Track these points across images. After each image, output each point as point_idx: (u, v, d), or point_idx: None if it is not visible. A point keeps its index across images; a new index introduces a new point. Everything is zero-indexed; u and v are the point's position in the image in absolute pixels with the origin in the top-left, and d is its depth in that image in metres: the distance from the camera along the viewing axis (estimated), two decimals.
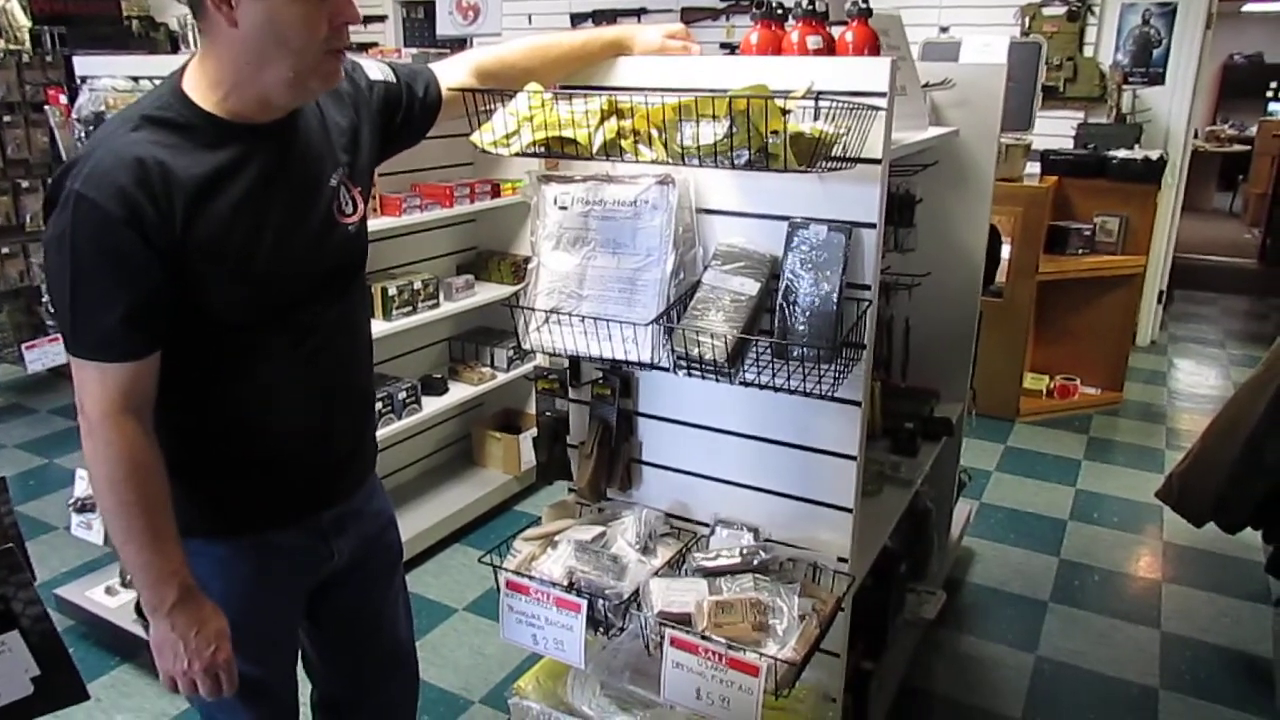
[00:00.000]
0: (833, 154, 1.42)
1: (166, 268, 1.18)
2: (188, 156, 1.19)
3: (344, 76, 1.35)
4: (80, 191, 1.14)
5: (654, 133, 1.40)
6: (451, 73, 1.58)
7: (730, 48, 5.68)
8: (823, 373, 1.53)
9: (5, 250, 4.69)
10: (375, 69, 1.48)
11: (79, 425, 1.26)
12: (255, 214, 1.25)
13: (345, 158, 1.38)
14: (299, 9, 1.15)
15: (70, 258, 1.16)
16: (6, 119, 4.61)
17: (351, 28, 1.25)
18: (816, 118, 1.38)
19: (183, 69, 1.25)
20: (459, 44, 5.08)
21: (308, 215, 1.32)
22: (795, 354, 1.54)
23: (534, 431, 2.05)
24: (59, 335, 4.00)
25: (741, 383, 1.55)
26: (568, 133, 1.44)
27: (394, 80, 1.49)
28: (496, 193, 3.46)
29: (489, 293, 3.48)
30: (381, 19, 7.29)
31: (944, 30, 5.25)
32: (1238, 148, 10.05)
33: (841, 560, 1.75)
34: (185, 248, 1.19)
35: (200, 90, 1.22)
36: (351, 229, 1.39)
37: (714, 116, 1.33)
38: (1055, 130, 5.15)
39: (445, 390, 3.39)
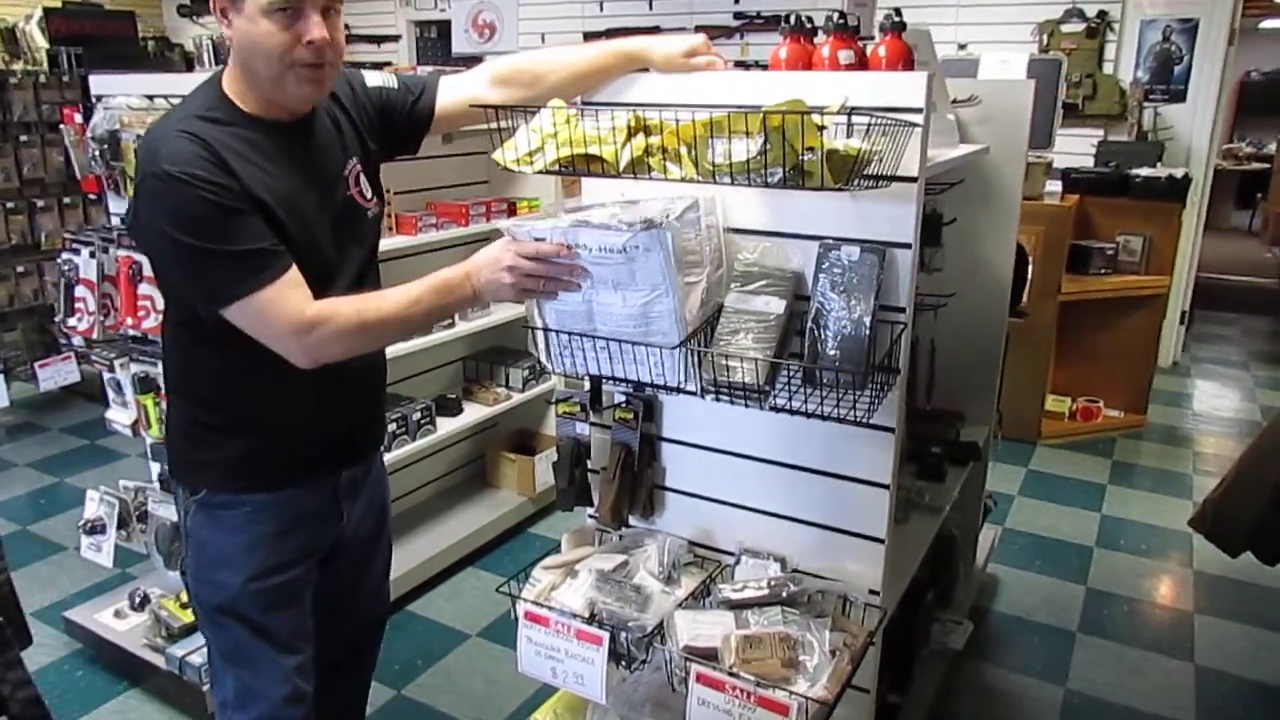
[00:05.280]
0: (867, 172, 1.37)
1: (248, 204, 1.36)
2: (230, 139, 1.38)
3: (348, 87, 1.58)
4: (170, 171, 1.30)
5: (683, 150, 1.36)
6: (469, 84, 1.65)
7: (745, 65, 5.65)
8: (856, 398, 1.47)
9: (20, 269, 4.69)
10: (377, 78, 1.64)
11: (282, 354, 1.40)
12: (290, 191, 1.42)
13: (358, 153, 1.57)
14: (266, 25, 1.33)
15: (192, 219, 1.31)
16: (23, 139, 4.62)
17: (366, 47, 1.36)
18: (849, 134, 1.33)
19: (221, 74, 1.45)
20: (474, 61, 5.09)
21: (333, 195, 1.51)
22: (827, 379, 1.48)
23: (550, 453, 2.01)
24: (71, 354, 4.02)
25: (772, 408, 1.49)
26: (593, 149, 1.39)
27: (395, 87, 1.64)
28: (513, 211, 3.42)
29: (504, 312, 3.44)
30: (395, 38, 7.31)
31: (962, 47, 5.22)
32: (1256, 165, 9.98)
33: (873, 592, 1.68)
34: (249, 199, 1.35)
35: (234, 92, 1.43)
36: (371, 214, 1.60)
37: (746, 133, 1.28)
38: (1075, 148, 5.09)
39: (459, 411, 3.34)
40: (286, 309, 1.35)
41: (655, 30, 6.18)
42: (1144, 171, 4.56)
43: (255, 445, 1.53)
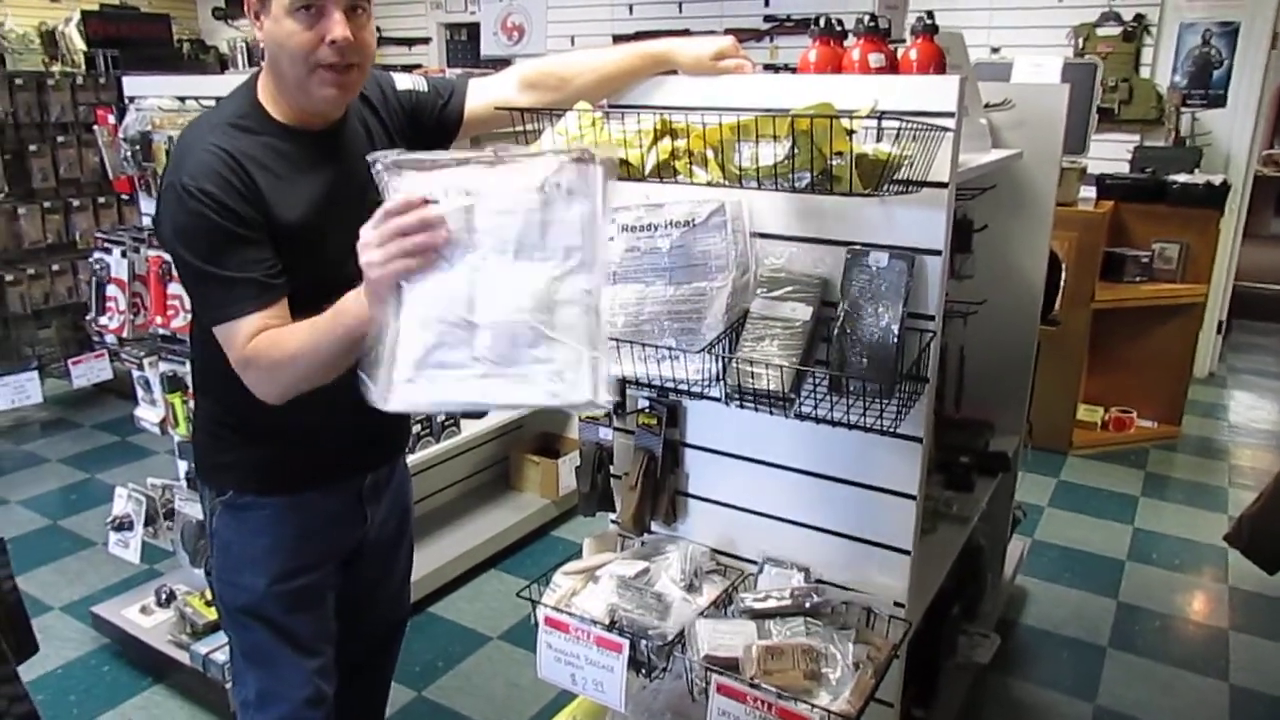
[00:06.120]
0: (897, 177, 1.35)
1: (265, 230, 1.37)
2: (260, 151, 1.39)
3: (379, 90, 1.58)
4: (186, 184, 1.32)
5: (709, 154, 1.34)
6: (497, 87, 1.65)
7: (775, 69, 5.62)
8: (883, 406, 1.44)
9: (55, 267, 4.76)
10: (406, 80, 1.64)
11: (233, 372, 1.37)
12: (317, 201, 1.42)
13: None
14: (289, 25, 1.33)
15: (194, 237, 1.33)
16: (60, 139, 4.69)
17: (397, 49, 1.32)
18: (879, 139, 1.31)
19: (256, 78, 1.46)
20: (504, 64, 5.10)
21: (364, 204, 1.45)
22: (853, 387, 1.46)
23: (573, 456, 1.99)
24: (104, 351, 4.07)
25: (797, 416, 1.47)
26: (619, 153, 1.38)
27: (425, 90, 1.64)
28: None
29: None
30: (425, 41, 7.37)
31: (995, 51, 5.15)
32: None
33: (898, 604, 1.65)
34: (269, 218, 1.36)
35: (267, 99, 1.44)
36: None
37: (774, 137, 1.26)
38: (1110, 154, 5.00)
39: (483, 413, 3.34)
40: (234, 345, 1.34)
41: (685, 33, 6.16)
42: (1181, 178, 4.47)
43: (276, 448, 1.54)
